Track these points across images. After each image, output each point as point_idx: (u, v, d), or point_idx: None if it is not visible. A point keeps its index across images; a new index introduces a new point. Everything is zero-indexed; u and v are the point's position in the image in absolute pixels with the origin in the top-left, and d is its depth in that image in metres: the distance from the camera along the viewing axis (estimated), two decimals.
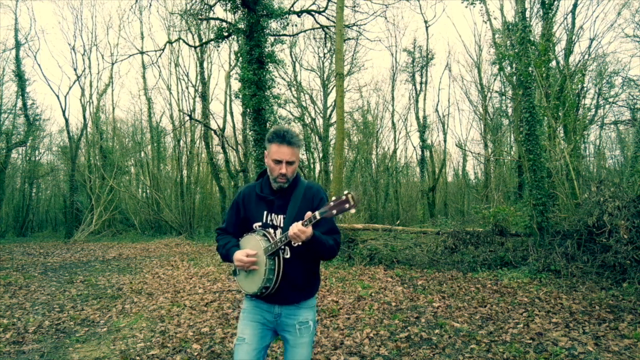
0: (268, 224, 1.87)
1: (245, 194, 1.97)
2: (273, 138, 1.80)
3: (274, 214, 1.87)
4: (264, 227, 1.86)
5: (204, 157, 20.92)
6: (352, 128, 22.33)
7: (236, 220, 1.97)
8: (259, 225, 1.88)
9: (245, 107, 12.03)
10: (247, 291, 1.87)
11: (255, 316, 1.88)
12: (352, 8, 14.58)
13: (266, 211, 1.88)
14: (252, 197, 1.93)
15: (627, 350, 3.39)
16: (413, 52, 20.81)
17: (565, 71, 9.85)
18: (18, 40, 17.94)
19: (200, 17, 13.62)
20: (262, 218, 1.88)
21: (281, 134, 1.79)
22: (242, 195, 1.97)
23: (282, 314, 1.86)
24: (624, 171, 10.95)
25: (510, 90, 15.49)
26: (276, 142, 1.79)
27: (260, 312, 1.88)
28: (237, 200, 1.98)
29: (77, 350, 3.88)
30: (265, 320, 1.88)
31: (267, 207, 1.89)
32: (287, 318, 1.85)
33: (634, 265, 5.42)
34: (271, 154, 1.81)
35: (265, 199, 1.89)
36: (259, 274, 1.79)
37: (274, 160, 1.80)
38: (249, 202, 1.94)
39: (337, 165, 9.64)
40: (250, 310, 1.90)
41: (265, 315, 1.87)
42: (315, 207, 1.79)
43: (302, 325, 1.85)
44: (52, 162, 25.76)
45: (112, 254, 11.54)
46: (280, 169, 1.79)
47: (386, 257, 8.11)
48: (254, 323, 1.86)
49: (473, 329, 4.09)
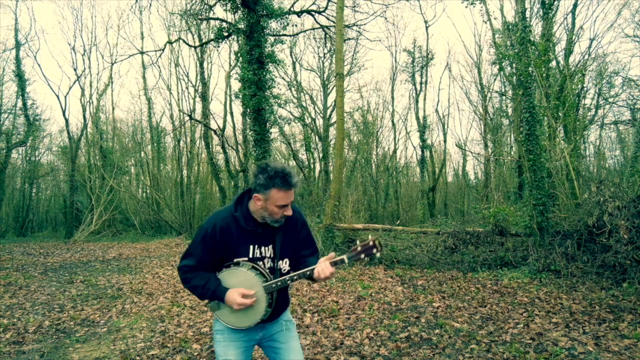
0: (256, 257, 1.74)
1: (222, 227, 1.71)
2: (277, 183, 1.62)
3: (262, 246, 1.76)
4: (251, 261, 1.74)
5: (204, 157, 20.92)
6: (352, 128, 22.33)
7: (209, 257, 1.74)
8: (243, 260, 1.73)
9: (245, 107, 12.03)
10: (235, 326, 1.76)
11: (239, 336, 1.81)
12: (352, 8, 14.60)
13: (252, 245, 1.74)
14: (232, 232, 1.72)
15: (627, 350, 3.39)
16: (413, 52, 20.81)
17: (565, 71, 9.85)
18: (18, 40, 17.94)
19: (200, 17, 13.62)
20: (247, 253, 1.73)
21: (287, 178, 1.63)
22: (217, 230, 1.71)
23: (265, 326, 1.85)
24: (624, 171, 10.95)
25: (510, 90, 15.49)
26: (280, 189, 1.63)
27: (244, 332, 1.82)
28: (211, 234, 1.71)
29: (77, 350, 3.88)
30: (249, 338, 1.83)
31: (253, 240, 1.74)
32: (272, 326, 1.87)
33: (634, 265, 5.42)
34: (275, 200, 1.65)
35: (251, 232, 1.73)
36: (254, 310, 1.72)
37: (278, 206, 1.66)
38: (228, 237, 1.72)
39: (337, 165, 9.64)
40: (230, 332, 1.80)
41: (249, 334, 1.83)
42: (299, 231, 1.83)
43: (287, 322, 1.91)
44: (52, 162, 25.77)
45: (112, 254, 11.54)
46: (285, 211, 1.69)
47: (386, 257, 8.11)
48: (236, 342, 1.80)
49: (473, 329, 4.09)
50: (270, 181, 1.62)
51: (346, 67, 19.22)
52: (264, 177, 1.63)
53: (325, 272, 1.63)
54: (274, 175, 1.62)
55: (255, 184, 1.67)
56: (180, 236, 16.13)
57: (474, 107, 20.69)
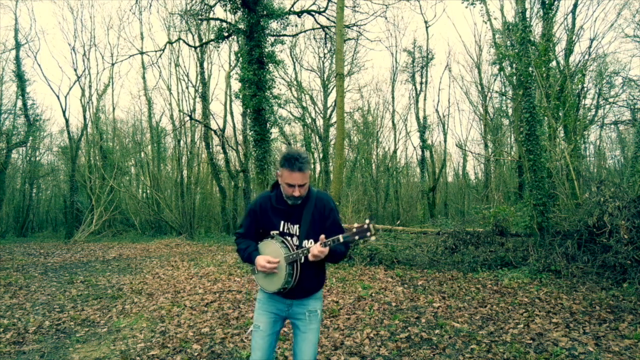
0: (285, 232, 2.07)
1: (262, 203, 2.12)
2: (284, 164, 1.94)
3: (289, 223, 2.07)
4: (281, 235, 2.07)
5: (204, 157, 20.93)
6: (353, 128, 22.34)
7: (254, 227, 2.15)
8: (276, 232, 2.08)
9: (245, 107, 12.04)
10: (265, 289, 2.09)
11: (269, 307, 2.12)
12: (352, 8, 14.58)
13: (283, 221, 2.08)
14: (268, 208, 2.10)
15: (627, 350, 3.39)
16: (413, 52, 20.81)
17: (566, 71, 9.84)
18: (18, 41, 17.95)
19: (200, 18, 13.62)
20: (279, 227, 2.08)
21: (292, 161, 1.91)
22: (258, 205, 2.13)
23: (293, 304, 2.10)
24: (624, 171, 10.95)
25: (510, 90, 15.48)
26: (287, 169, 1.93)
27: (274, 303, 2.12)
28: (254, 208, 2.14)
29: (78, 350, 3.88)
30: (278, 310, 2.12)
31: (283, 217, 2.08)
32: (298, 307, 2.10)
33: (634, 265, 5.42)
34: (284, 178, 1.96)
35: (280, 210, 2.07)
36: (278, 277, 2.02)
37: (287, 184, 1.97)
38: (265, 211, 2.11)
39: (338, 166, 9.65)
40: (264, 302, 2.14)
41: (278, 306, 2.12)
42: (326, 216, 2.07)
43: (312, 314, 2.10)
44: (52, 163, 25.78)
45: (113, 254, 11.54)
46: (294, 191, 1.97)
47: (386, 257, 8.11)
48: (267, 313, 2.12)
49: (473, 329, 4.09)
50: (283, 161, 1.95)
51: (346, 67, 19.24)
52: (281, 157, 1.99)
53: (313, 252, 1.88)
54: (285, 157, 1.95)
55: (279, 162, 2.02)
56: (180, 236, 16.11)
57: (474, 107, 20.74)
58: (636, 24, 12.73)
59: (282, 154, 1.99)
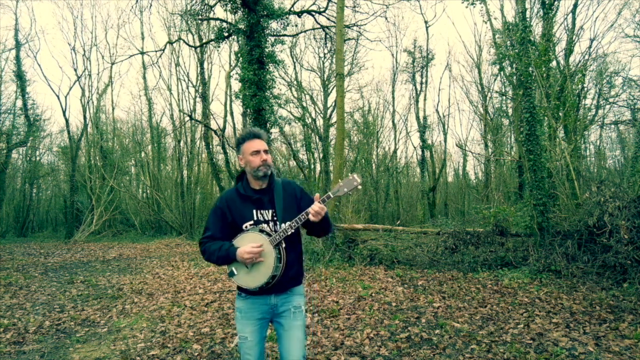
0: (259, 219, 2.02)
1: (228, 198, 2.06)
2: (243, 139, 2.03)
3: (262, 210, 2.03)
4: (256, 224, 2.00)
5: (204, 157, 20.91)
6: (353, 128, 22.32)
7: (223, 226, 2.04)
8: (250, 224, 2.01)
9: (245, 107, 12.02)
10: (251, 286, 1.96)
11: (253, 313, 2.02)
12: (352, 8, 14.56)
13: (255, 209, 2.02)
14: (236, 200, 2.04)
15: (627, 350, 3.39)
16: (413, 52, 20.78)
17: (566, 71, 9.84)
18: (18, 41, 17.94)
19: (200, 18, 13.62)
20: (252, 216, 2.01)
21: (248, 131, 2.03)
22: (224, 201, 2.06)
23: (277, 303, 2.03)
24: (624, 171, 10.94)
25: (510, 90, 15.47)
26: (247, 140, 2.01)
27: (257, 307, 2.03)
28: (220, 206, 2.05)
29: (78, 350, 3.88)
30: (262, 313, 2.03)
31: (254, 205, 2.03)
32: (282, 305, 2.03)
33: (635, 265, 5.42)
34: (248, 150, 1.99)
35: (250, 198, 2.03)
36: (266, 264, 1.92)
37: (252, 152, 1.98)
38: (234, 205, 2.04)
39: (338, 166, 9.64)
40: (246, 310, 2.03)
41: (262, 308, 2.03)
42: (299, 198, 2.08)
43: (296, 310, 2.04)
44: (52, 163, 25.77)
45: (113, 254, 11.54)
46: (261, 157, 1.97)
47: (386, 257, 8.10)
48: (252, 320, 2.02)
49: (473, 329, 4.09)
50: (239, 140, 2.05)
51: (346, 67, 19.22)
52: (235, 141, 2.07)
53: (314, 208, 1.86)
54: (241, 134, 2.07)
55: (236, 153, 2.08)
56: (180, 236, 16.12)
57: (474, 107, 20.70)
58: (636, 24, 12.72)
59: (237, 136, 2.08)
